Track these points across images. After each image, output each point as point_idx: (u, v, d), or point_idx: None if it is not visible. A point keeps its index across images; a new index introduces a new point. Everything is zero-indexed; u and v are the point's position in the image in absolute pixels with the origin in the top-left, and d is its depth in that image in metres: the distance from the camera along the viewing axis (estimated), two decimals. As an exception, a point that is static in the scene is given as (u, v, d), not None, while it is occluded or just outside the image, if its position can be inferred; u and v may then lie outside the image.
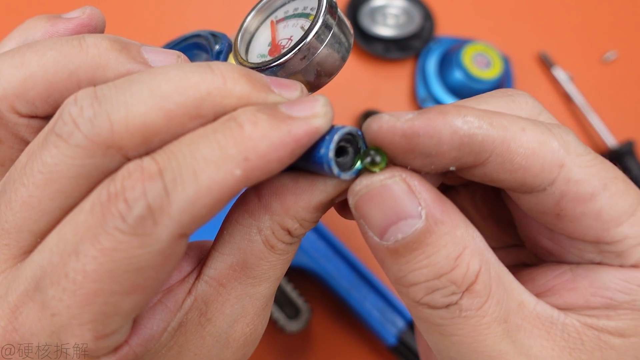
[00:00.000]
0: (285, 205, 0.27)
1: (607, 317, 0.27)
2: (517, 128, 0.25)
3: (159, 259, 0.22)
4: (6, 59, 0.26)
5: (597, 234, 0.26)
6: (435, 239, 0.25)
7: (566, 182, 0.26)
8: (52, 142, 0.22)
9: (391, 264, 0.26)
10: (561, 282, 0.29)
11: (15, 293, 0.23)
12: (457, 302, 0.25)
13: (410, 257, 0.25)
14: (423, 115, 0.25)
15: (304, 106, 0.24)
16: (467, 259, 0.25)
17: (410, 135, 0.25)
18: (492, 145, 0.25)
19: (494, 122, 0.25)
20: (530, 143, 0.25)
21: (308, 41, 0.28)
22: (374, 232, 0.26)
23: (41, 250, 0.23)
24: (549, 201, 0.26)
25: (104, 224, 0.21)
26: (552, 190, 0.26)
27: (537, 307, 0.27)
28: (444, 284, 0.25)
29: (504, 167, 0.26)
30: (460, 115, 0.25)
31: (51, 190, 0.22)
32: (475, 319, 0.25)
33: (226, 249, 0.28)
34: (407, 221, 0.25)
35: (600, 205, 0.26)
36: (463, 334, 0.26)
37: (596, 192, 0.26)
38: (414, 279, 0.25)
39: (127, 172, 0.22)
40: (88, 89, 0.23)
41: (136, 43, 0.27)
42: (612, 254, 0.27)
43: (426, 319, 0.26)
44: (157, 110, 0.22)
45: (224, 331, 0.28)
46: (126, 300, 0.22)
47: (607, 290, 0.27)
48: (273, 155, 0.23)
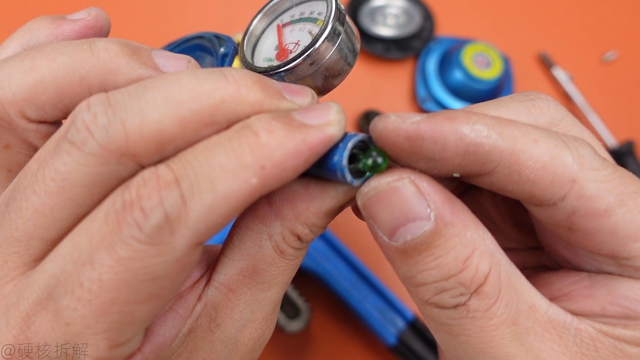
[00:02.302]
0: (296, 211, 0.27)
1: (624, 327, 0.26)
2: (529, 140, 0.25)
3: (175, 268, 0.22)
4: (15, 63, 0.25)
5: (613, 249, 0.26)
6: (444, 241, 0.25)
7: (578, 197, 0.25)
8: (65, 149, 0.22)
9: (400, 264, 0.26)
10: (578, 288, 0.28)
11: (28, 301, 0.23)
12: (465, 303, 0.25)
13: (419, 258, 0.25)
14: (430, 119, 0.24)
15: (317, 114, 0.24)
16: (477, 261, 0.25)
17: (414, 138, 0.24)
18: (499, 156, 0.24)
19: (504, 132, 0.25)
20: (541, 156, 0.25)
21: (317, 47, 0.28)
22: (383, 232, 0.26)
23: (53, 258, 0.23)
24: (559, 215, 0.26)
25: (120, 233, 0.21)
26: (563, 205, 0.25)
27: (549, 311, 0.26)
28: (452, 285, 0.25)
29: (511, 178, 0.25)
30: (468, 123, 0.24)
31: (64, 198, 0.22)
32: (483, 320, 0.25)
33: (236, 255, 0.28)
34: (415, 223, 0.25)
35: (615, 222, 0.25)
36: (470, 335, 0.26)
37: (611, 209, 0.25)
38: (422, 279, 0.25)
39: (142, 180, 0.21)
40: (100, 95, 0.23)
41: (147, 47, 0.27)
42: (631, 267, 0.26)
43: (434, 318, 0.26)
44: (171, 117, 0.22)
45: (233, 336, 0.28)
46: (141, 309, 0.22)
47: (626, 300, 0.26)
48: (288, 164, 0.23)
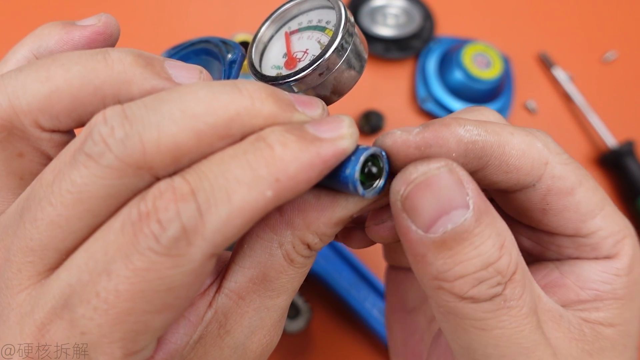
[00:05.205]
0: (307, 220, 0.27)
1: (597, 309, 0.29)
2: (507, 133, 0.28)
3: (191, 278, 0.22)
4: (30, 72, 0.25)
5: (576, 226, 0.29)
6: (482, 229, 0.25)
7: (551, 177, 0.28)
8: (81, 162, 0.22)
9: (435, 259, 0.26)
10: (552, 280, 0.31)
11: (42, 310, 0.23)
12: (502, 292, 0.25)
13: (459, 248, 0.25)
14: (429, 127, 0.27)
15: (330, 126, 0.25)
16: (509, 248, 0.26)
17: (424, 146, 0.27)
18: (490, 150, 0.27)
19: (488, 129, 0.28)
20: (520, 145, 0.28)
21: (327, 57, 0.28)
22: (420, 224, 0.25)
23: (68, 268, 0.23)
24: (536, 197, 0.29)
25: (137, 244, 0.21)
26: (540, 186, 0.29)
27: (548, 301, 0.28)
28: (491, 274, 0.25)
29: (501, 168, 0.28)
30: (460, 125, 0.27)
31: (80, 210, 0.22)
32: (516, 310, 0.26)
33: (246, 263, 0.28)
34: (457, 211, 0.25)
35: (578, 199, 0.29)
36: (504, 326, 0.26)
37: (575, 187, 0.29)
38: (461, 271, 0.25)
39: (159, 192, 0.22)
40: (116, 108, 0.23)
41: (160, 58, 0.27)
42: (587, 247, 0.30)
43: (466, 315, 0.26)
44: (187, 130, 0.22)
45: (242, 343, 0.28)
46: (156, 319, 0.22)
47: (592, 283, 0.30)
48: (302, 176, 0.23)
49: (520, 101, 0.83)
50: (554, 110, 0.83)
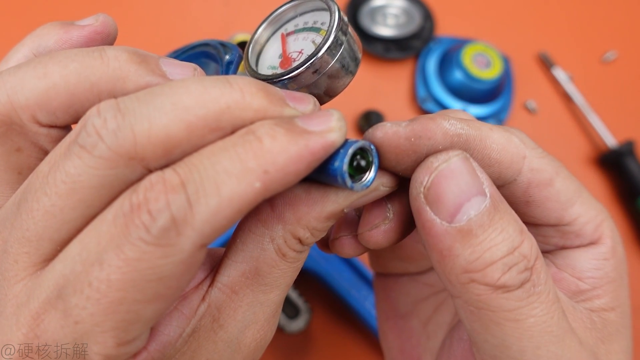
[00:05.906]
0: (297, 215, 0.28)
1: (598, 297, 0.31)
2: (486, 129, 0.29)
3: (181, 268, 0.22)
4: (29, 69, 0.26)
5: (558, 215, 0.31)
6: (502, 215, 0.26)
7: (530, 170, 0.30)
8: (75, 153, 0.23)
9: (462, 249, 0.26)
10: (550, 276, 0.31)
11: (37, 301, 0.23)
12: (530, 278, 0.26)
13: (485, 234, 0.26)
14: (417, 120, 0.28)
15: (319, 120, 0.25)
16: (528, 233, 0.27)
17: (413, 136, 0.28)
18: (473, 143, 0.28)
19: (470, 124, 0.29)
20: (499, 139, 0.29)
21: (320, 56, 0.28)
22: (444, 215, 0.26)
23: (63, 259, 0.23)
24: (519, 190, 0.30)
25: (128, 235, 0.21)
26: (521, 180, 0.30)
27: (560, 293, 0.29)
28: (518, 259, 0.26)
29: (484, 162, 0.29)
30: (445, 119, 0.28)
31: (73, 200, 0.23)
32: (544, 295, 0.26)
33: (239, 257, 0.28)
34: (478, 198, 0.26)
35: (557, 189, 0.30)
36: (537, 314, 0.26)
37: (553, 178, 0.30)
38: (490, 257, 0.26)
39: (150, 184, 0.22)
40: (110, 101, 0.23)
41: (154, 55, 0.28)
42: (571, 234, 0.31)
43: (500, 307, 0.26)
44: (178, 122, 0.23)
45: (235, 337, 0.28)
46: (148, 308, 0.23)
47: (588, 272, 0.31)
48: (291, 168, 0.23)
49: (520, 101, 0.83)
50: (554, 110, 0.83)
